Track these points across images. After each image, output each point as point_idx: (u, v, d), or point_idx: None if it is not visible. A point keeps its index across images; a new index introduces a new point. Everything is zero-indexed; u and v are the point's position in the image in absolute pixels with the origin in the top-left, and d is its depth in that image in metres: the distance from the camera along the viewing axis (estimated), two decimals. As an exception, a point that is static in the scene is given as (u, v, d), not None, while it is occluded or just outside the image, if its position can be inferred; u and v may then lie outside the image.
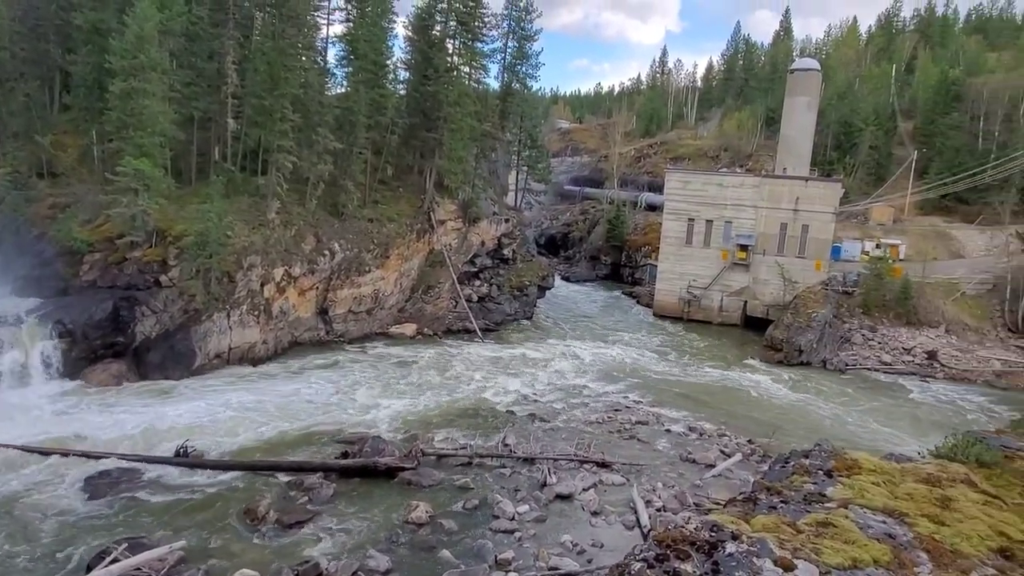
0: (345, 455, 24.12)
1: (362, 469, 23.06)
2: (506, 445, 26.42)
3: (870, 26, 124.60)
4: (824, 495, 8.70)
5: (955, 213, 69.49)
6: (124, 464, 22.87)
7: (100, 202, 34.77)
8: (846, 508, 8.05)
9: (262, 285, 36.87)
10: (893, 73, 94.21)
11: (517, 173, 68.32)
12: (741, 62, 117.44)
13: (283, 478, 22.78)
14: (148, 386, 31.03)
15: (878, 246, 58.79)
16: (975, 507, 8.44)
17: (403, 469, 23.17)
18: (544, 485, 23.20)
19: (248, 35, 41.66)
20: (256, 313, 36.30)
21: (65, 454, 23.13)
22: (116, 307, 31.74)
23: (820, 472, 9.72)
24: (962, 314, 50.32)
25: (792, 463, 10.40)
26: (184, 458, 23.24)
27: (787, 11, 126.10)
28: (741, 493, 11.58)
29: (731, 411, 34.69)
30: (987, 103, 74.10)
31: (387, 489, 22.55)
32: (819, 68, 70.76)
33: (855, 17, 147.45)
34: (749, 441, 29.87)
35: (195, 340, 33.08)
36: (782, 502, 8.49)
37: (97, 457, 23.01)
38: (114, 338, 31.59)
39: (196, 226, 33.57)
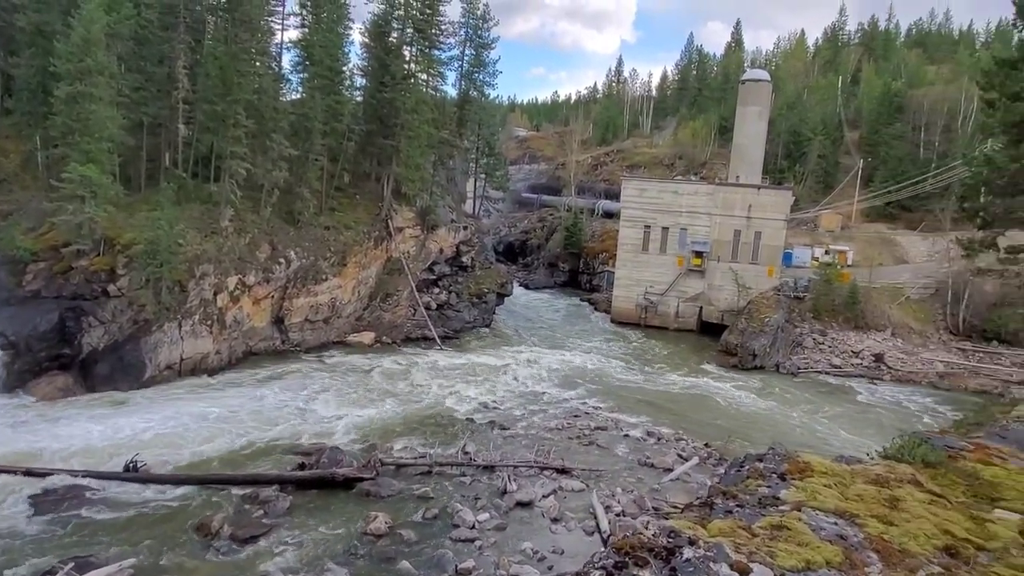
0: (302, 466, 23.74)
1: (319, 480, 22.72)
2: (466, 453, 26.37)
3: (817, 39, 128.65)
4: (778, 498, 8.88)
5: (899, 220, 72.07)
6: (71, 480, 22.05)
7: (44, 209, 33.62)
8: (799, 511, 8.24)
9: (215, 294, 36.10)
10: (839, 84, 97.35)
11: (475, 181, 68.37)
12: (694, 72, 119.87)
13: (237, 491, 22.26)
14: (96, 399, 30.04)
15: (827, 252, 60.50)
16: (921, 506, 8.73)
17: (361, 479, 22.90)
18: (504, 493, 23.18)
19: (200, 39, 40.83)
20: (209, 323, 35.51)
21: (8, 471, 22.21)
22: (62, 318, 30.73)
23: (774, 475, 9.91)
24: (907, 318, 52.08)
25: (747, 467, 10.61)
26: (134, 473, 22.56)
27: (738, 23, 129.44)
28: (698, 497, 11.75)
29: (688, 415, 35.21)
30: (927, 114, 77.21)
31: (345, 500, 22.26)
32: (769, 79, 72.70)
33: (803, 30, 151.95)
34: (706, 445, 30.36)
35: (145, 351, 32.17)
36: (738, 506, 8.64)
37: (43, 474, 22.16)
38: (60, 350, 30.55)
39: (146, 234, 32.71)
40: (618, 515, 22.19)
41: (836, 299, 51.55)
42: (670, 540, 7.30)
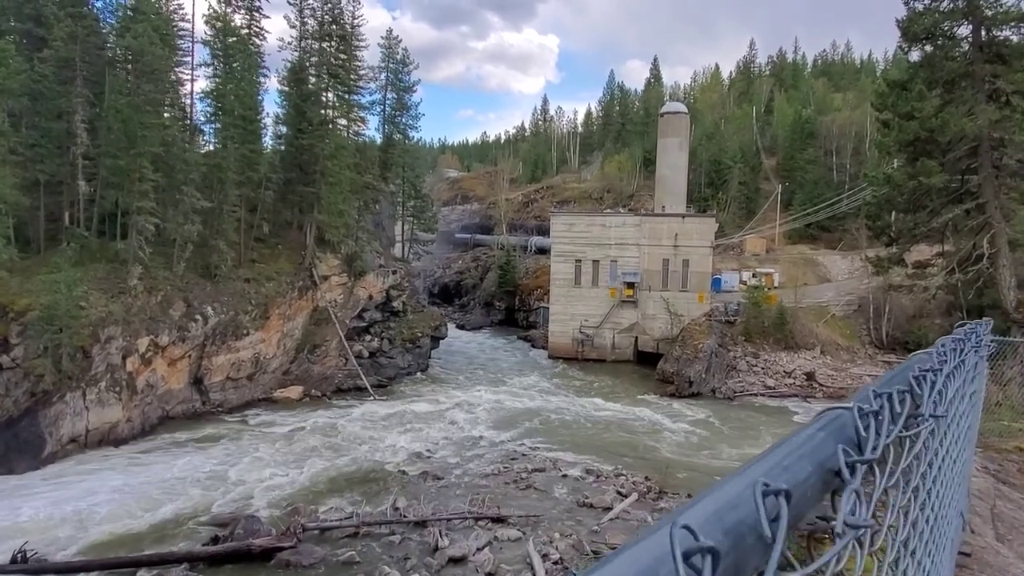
0: (215, 540, 21.98)
1: (234, 554, 21.02)
2: (396, 509, 25.02)
3: (731, 72, 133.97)
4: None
5: (819, 240, 74.59)
6: (-51, 579, 19.82)
7: (-73, 279, 31.17)
8: None
9: (124, 358, 33.90)
10: (754, 114, 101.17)
11: (403, 224, 67.57)
12: (617, 108, 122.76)
13: (143, 574, 20.39)
14: (-13, 482, 27.46)
15: (754, 275, 61.68)
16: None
17: (281, 549, 21.30)
18: (436, 549, 21.95)
19: (101, 92, 39.12)
20: (117, 389, 33.20)
21: None
22: (-54, 396, 28.18)
23: None
24: (834, 335, 53.28)
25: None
26: (23, 563, 20.39)
27: (655, 60, 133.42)
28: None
29: (627, 449, 34.67)
30: (837, 139, 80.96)
31: (263, 573, 20.63)
32: (686, 111, 74.75)
33: (717, 64, 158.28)
34: (645, 478, 29.81)
35: (44, 425, 29.73)
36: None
37: (-87, 575, 19.83)
38: (-56, 431, 27.94)
39: (43, 299, 30.57)
40: (556, 563, 21.31)
41: (766, 321, 52.34)
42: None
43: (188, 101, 46.40)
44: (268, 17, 53.35)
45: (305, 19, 50.78)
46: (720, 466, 32.16)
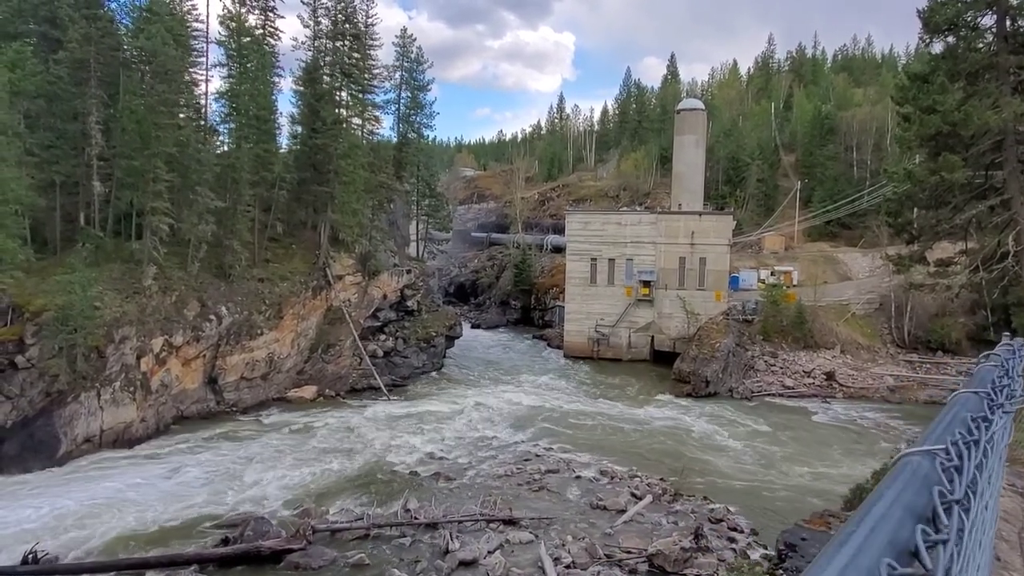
0: (225, 541, 21.88)
1: (243, 556, 20.90)
2: (407, 511, 24.78)
3: (749, 68, 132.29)
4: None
5: (840, 238, 73.30)
6: (-38, 579, 19.87)
7: (-56, 280, 31.36)
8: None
9: (138, 358, 33.99)
10: (773, 110, 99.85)
11: (417, 223, 67.45)
12: (634, 105, 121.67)
13: (151, 575, 20.35)
14: (2, 482, 27.56)
15: (772, 273, 60.75)
16: None
17: (291, 551, 21.15)
18: (447, 552, 21.67)
19: (115, 93, 39.27)
20: (132, 389, 33.31)
21: None
22: (-38, 396, 28.36)
23: None
24: (854, 334, 52.32)
25: None
26: (34, 565, 20.40)
27: (672, 56, 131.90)
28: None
29: (642, 450, 34.23)
30: (857, 135, 79.54)
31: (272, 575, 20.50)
32: (703, 107, 73.87)
33: (735, 60, 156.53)
34: (661, 479, 29.38)
35: (59, 425, 29.86)
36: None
37: (-74, 575, 19.91)
38: (-40, 431, 28.11)
39: (58, 299, 30.70)
40: (568, 567, 20.98)
41: (784, 320, 51.54)
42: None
43: (203, 101, 46.59)
44: (282, 17, 53.39)
45: (319, 19, 50.75)
46: (725, 467, 31.64)
